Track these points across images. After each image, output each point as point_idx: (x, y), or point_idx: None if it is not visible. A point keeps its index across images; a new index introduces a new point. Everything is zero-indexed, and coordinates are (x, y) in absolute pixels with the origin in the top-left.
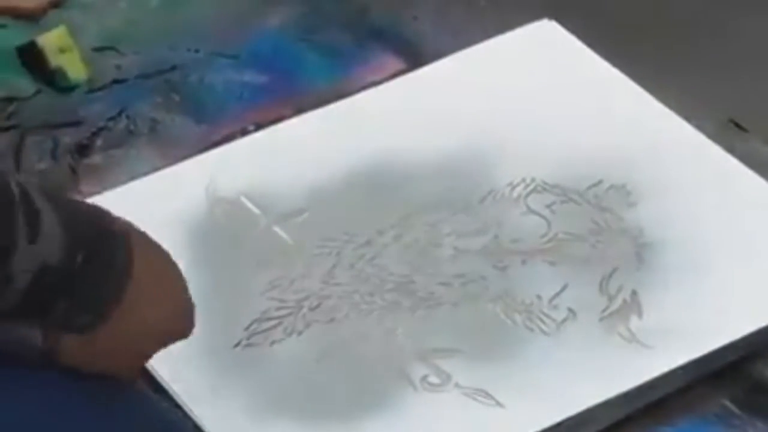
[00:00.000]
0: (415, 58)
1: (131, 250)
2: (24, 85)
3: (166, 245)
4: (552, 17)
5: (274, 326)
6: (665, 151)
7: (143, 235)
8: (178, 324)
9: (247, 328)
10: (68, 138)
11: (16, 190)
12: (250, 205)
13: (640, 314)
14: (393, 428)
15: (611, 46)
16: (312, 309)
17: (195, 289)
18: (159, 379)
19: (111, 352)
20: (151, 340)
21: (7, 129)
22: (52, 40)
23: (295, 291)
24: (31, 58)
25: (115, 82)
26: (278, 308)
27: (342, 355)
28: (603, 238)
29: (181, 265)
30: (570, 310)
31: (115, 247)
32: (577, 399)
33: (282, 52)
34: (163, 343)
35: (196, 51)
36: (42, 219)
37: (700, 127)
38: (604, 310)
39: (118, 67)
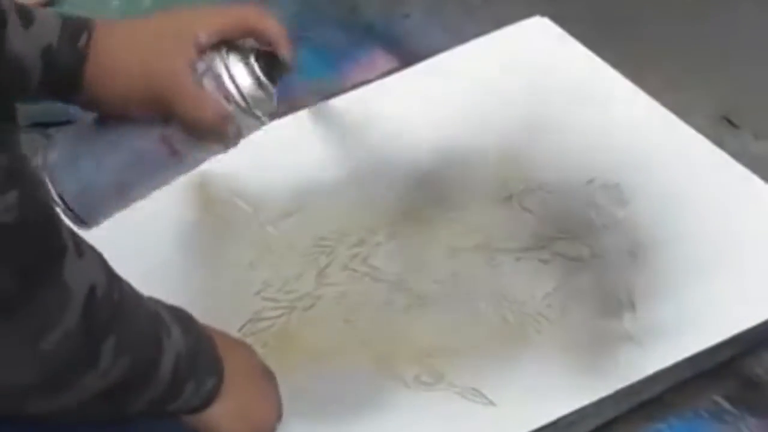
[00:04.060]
0: (407, 55)
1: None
2: None
3: (160, 244)
4: (544, 14)
5: (268, 327)
6: (658, 148)
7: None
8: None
9: (240, 329)
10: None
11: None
12: (242, 204)
13: (633, 312)
14: (386, 427)
15: (604, 43)
16: (305, 309)
17: (188, 290)
18: None
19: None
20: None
21: None
22: None
23: (289, 291)
24: None
25: None
26: (272, 308)
27: (334, 354)
28: (596, 236)
29: (175, 265)
30: (563, 308)
31: (204, 331)
32: (570, 397)
33: None
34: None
35: None
36: (164, 317)
37: (691, 123)
38: (597, 309)
39: None
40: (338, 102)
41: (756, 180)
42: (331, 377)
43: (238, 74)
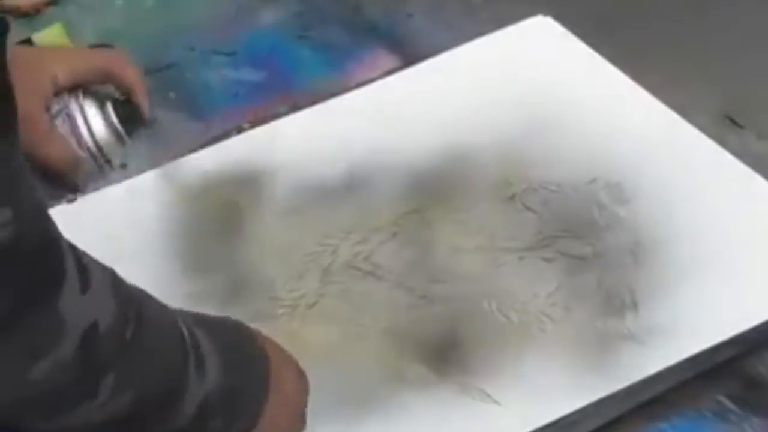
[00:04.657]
0: (410, 55)
1: (270, 368)
2: None
3: (161, 244)
4: (547, 13)
5: (271, 325)
6: (661, 147)
7: (280, 351)
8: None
9: None
10: None
11: (182, 327)
12: (246, 203)
13: (636, 312)
14: (388, 426)
15: (606, 41)
16: (309, 307)
17: (191, 288)
18: None
19: None
20: None
21: None
22: (47, 38)
23: (292, 290)
24: None
25: None
26: (274, 307)
27: (338, 353)
28: (599, 235)
29: (178, 265)
30: (566, 307)
31: (260, 365)
32: (573, 396)
33: (278, 50)
34: None
35: (192, 49)
36: (203, 351)
37: (694, 122)
38: (600, 308)
39: None
40: (341, 101)
41: (759, 179)
42: (334, 376)
43: (93, 119)
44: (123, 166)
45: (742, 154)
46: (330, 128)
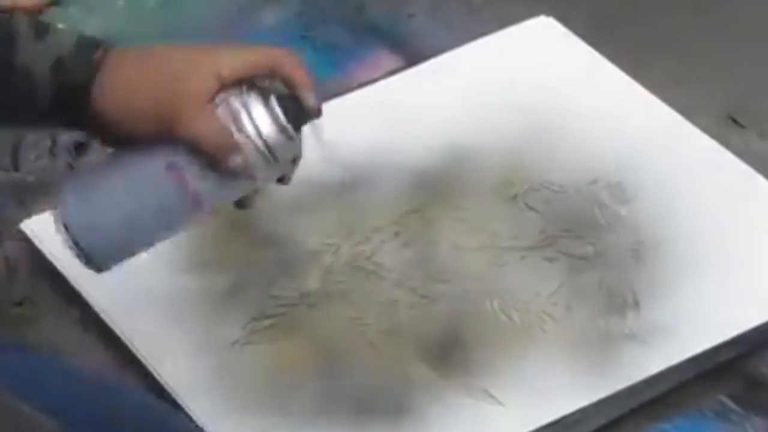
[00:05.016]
0: (412, 55)
1: None
2: None
3: (162, 243)
4: (548, 13)
5: (273, 324)
6: (662, 147)
7: None
8: None
9: (245, 326)
10: (66, 136)
11: None
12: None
13: (637, 311)
14: (391, 426)
15: (608, 41)
16: (310, 306)
17: (193, 287)
18: (157, 376)
19: None
20: None
21: None
22: None
23: (294, 289)
24: None
25: None
26: (277, 306)
27: (340, 353)
28: (601, 235)
29: (180, 263)
30: (568, 307)
31: None
32: (575, 396)
33: None
34: None
35: None
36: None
37: (696, 122)
38: (601, 307)
39: None
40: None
41: (760, 179)
42: (335, 375)
43: (257, 113)
44: (294, 161)
45: (744, 154)
46: (332, 128)
